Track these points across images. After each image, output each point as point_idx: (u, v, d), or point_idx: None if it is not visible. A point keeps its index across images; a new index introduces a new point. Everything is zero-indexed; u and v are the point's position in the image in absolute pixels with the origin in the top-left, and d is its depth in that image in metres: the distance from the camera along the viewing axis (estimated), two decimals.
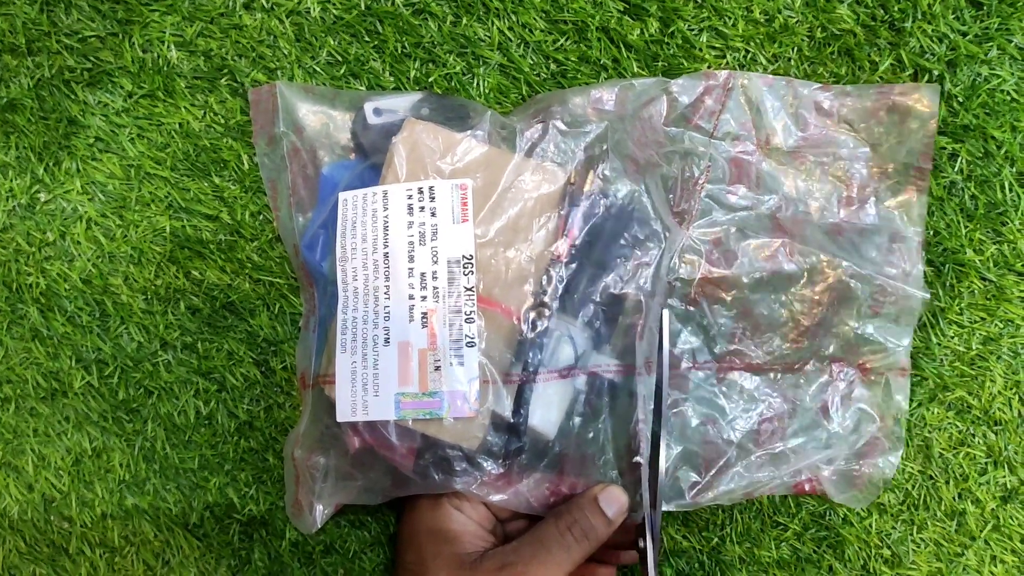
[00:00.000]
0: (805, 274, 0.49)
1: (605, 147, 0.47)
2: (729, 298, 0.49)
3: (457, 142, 0.46)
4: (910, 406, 0.51)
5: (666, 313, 0.48)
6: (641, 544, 0.45)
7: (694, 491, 0.48)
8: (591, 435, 0.46)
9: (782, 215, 0.50)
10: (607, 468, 0.46)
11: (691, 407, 0.49)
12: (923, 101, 0.50)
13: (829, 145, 0.51)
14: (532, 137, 0.47)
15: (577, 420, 0.45)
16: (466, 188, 0.45)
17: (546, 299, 0.45)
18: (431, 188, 0.45)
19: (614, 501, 0.44)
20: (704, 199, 0.50)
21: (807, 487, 0.50)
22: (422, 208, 0.45)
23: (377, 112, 0.48)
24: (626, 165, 0.48)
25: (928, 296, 0.49)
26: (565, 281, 0.46)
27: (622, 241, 0.46)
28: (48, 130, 0.53)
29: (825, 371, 0.50)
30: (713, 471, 0.48)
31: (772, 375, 0.50)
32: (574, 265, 0.46)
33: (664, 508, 0.47)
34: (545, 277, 0.45)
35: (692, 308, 0.50)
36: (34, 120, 0.53)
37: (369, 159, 0.48)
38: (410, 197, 0.45)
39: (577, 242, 0.46)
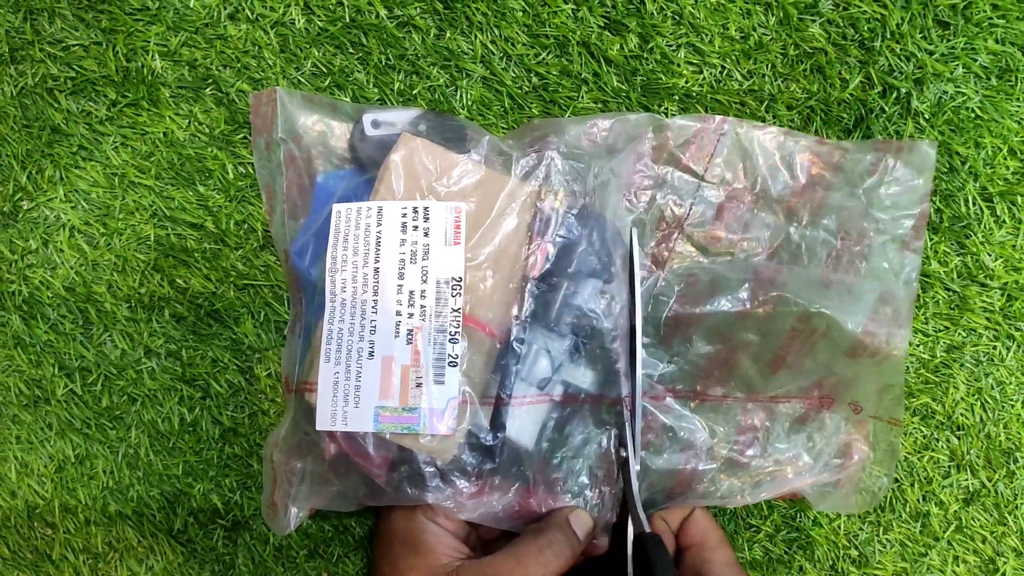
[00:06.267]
0: (779, 319, 0.48)
1: (593, 182, 0.48)
2: (699, 336, 0.49)
3: (454, 164, 0.47)
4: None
5: (634, 231, 0.49)
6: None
7: (662, 506, 0.49)
8: (561, 457, 0.47)
9: (764, 262, 0.50)
10: (577, 490, 0.47)
11: (666, 427, 0.50)
12: (919, 159, 0.50)
13: (821, 197, 0.50)
14: (527, 165, 0.48)
15: (546, 444, 0.47)
16: (460, 211, 0.46)
17: (526, 315, 0.46)
18: (426, 209, 0.46)
19: (582, 523, 0.46)
20: (685, 241, 0.50)
21: (789, 495, 0.51)
22: (415, 227, 0.46)
23: (375, 124, 0.48)
24: (609, 199, 0.49)
25: (905, 353, 0.49)
26: (543, 298, 0.47)
27: (597, 266, 0.47)
28: (31, 138, 0.53)
29: (812, 405, 0.50)
30: (685, 491, 0.49)
31: (751, 405, 0.50)
32: (552, 283, 0.47)
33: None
34: (528, 294, 0.47)
35: (666, 343, 0.50)
36: (17, 128, 0.53)
37: (366, 171, 0.49)
38: (404, 215, 0.46)
39: (555, 258, 0.47)
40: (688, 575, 0.46)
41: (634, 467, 0.46)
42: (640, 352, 0.48)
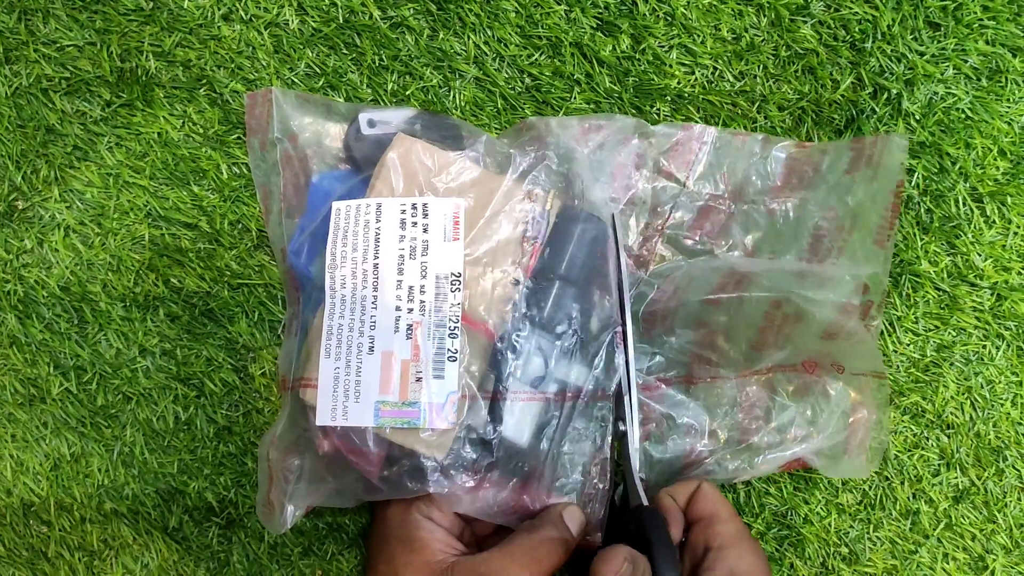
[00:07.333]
0: (751, 304, 0.49)
1: (583, 183, 0.49)
2: (680, 324, 0.50)
3: (451, 162, 0.47)
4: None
5: (616, 219, 0.49)
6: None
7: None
8: (555, 454, 0.47)
9: (744, 261, 0.51)
10: (572, 487, 0.47)
11: (664, 415, 0.50)
12: (891, 153, 0.50)
13: (798, 197, 0.51)
14: (523, 165, 0.48)
15: (540, 442, 0.47)
16: (459, 207, 0.46)
17: (520, 314, 0.47)
18: (425, 205, 0.46)
19: (575, 519, 0.46)
20: (665, 242, 0.51)
21: (796, 464, 0.52)
22: (415, 224, 0.46)
23: (371, 123, 0.49)
24: (597, 200, 0.49)
25: (878, 353, 0.50)
26: (536, 298, 0.47)
27: (588, 265, 0.48)
28: (26, 138, 0.53)
29: (799, 371, 0.50)
30: (693, 470, 0.50)
31: (742, 379, 0.51)
32: (545, 283, 0.47)
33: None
34: (520, 293, 0.47)
35: (647, 335, 0.50)
36: (12, 128, 0.53)
37: (361, 170, 0.49)
38: (403, 212, 0.46)
39: (546, 258, 0.47)
40: (698, 549, 0.46)
41: (632, 440, 0.47)
42: (631, 326, 0.48)
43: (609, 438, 0.48)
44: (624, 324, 0.48)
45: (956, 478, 0.55)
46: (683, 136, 0.51)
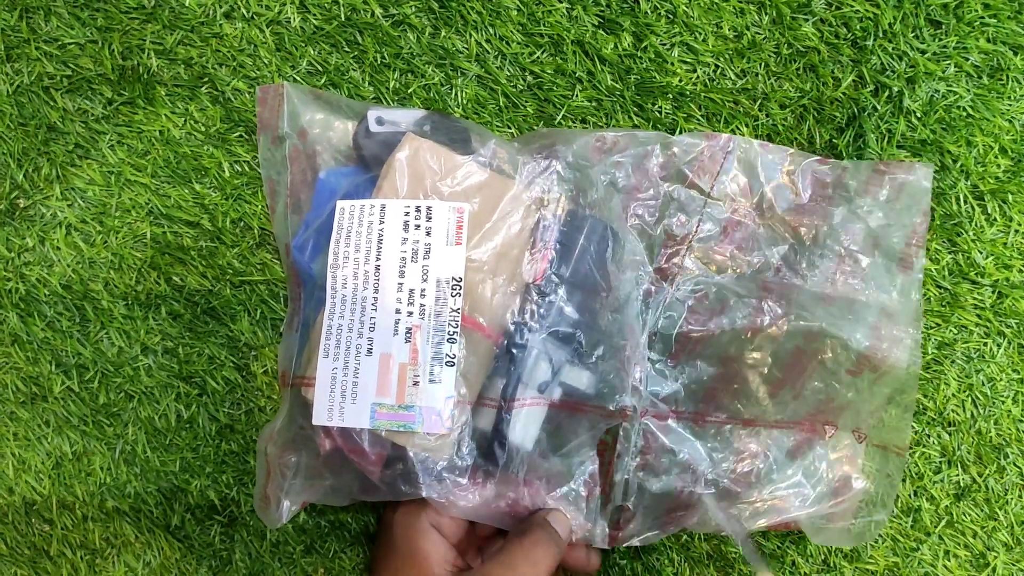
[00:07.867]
0: (786, 335, 0.49)
1: (596, 193, 0.49)
2: (708, 355, 0.49)
3: (458, 165, 0.47)
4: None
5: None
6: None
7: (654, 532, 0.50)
8: (557, 460, 0.47)
9: (771, 278, 0.50)
10: (572, 494, 0.47)
11: (666, 449, 0.50)
12: (917, 179, 0.51)
13: (823, 215, 0.51)
14: (533, 171, 0.48)
15: (543, 447, 0.47)
16: (463, 212, 0.46)
17: (526, 319, 0.47)
18: (429, 208, 0.46)
19: (561, 523, 0.46)
20: (693, 257, 0.50)
21: (784, 526, 0.51)
22: (418, 227, 0.46)
23: (380, 121, 0.49)
24: (612, 212, 0.49)
25: (916, 367, 0.49)
26: (543, 304, 0.47)
27: (597, 276, 0.48)
28: (27, 136, 0.53)
29: (816, 431, 0.50)
30: (681, 517, 0.49)
31: (754, 429, 0.50)
32: (552, 290, 0.47)
33: (636, 542, 0.49)
34: (528, 299, 0.47)
35: (671, 362, 0.50)
36: (13, 126, 0.53)
37: (368, 168, 0.49)
38: (407, 214, 0.46)
39: (554, 263, 0.47)
40: None
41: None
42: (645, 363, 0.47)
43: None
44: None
45: (957, 475, 0.55)
46: (706, 146, 0.51)
